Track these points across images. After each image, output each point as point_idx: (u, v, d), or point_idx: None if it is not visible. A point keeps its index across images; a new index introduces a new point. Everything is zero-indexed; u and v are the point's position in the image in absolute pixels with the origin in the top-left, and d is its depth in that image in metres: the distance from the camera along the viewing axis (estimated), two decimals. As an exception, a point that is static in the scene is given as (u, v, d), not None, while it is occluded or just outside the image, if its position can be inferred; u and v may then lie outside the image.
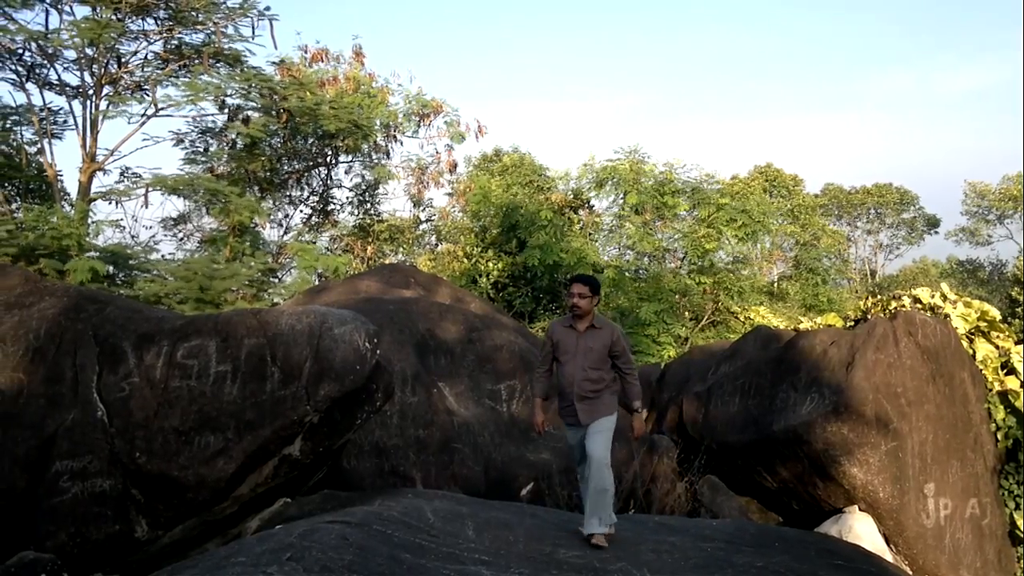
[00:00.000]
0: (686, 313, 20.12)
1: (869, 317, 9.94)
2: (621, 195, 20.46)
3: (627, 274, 20.36)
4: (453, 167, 21.48)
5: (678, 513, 8.28)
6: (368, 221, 20.92)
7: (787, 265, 27.50)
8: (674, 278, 19.95)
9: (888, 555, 7.41)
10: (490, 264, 20.45)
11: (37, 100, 15.23)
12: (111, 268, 13.25)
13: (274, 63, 17.83)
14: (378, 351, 6.18)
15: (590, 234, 21.41)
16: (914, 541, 7.61)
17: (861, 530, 7.45)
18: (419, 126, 20.08)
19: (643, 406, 5.71)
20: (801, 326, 12.09)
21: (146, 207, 23.15)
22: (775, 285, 25.48)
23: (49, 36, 14.24)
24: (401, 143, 20.28)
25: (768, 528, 7.08)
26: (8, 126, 15.13)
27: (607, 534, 5.41)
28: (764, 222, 20.64)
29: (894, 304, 10.24)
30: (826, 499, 7.98)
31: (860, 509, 7.70)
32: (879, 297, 10.85)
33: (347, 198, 21.30)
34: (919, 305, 10.00)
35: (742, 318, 20.06)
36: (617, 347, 5.68)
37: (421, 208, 22.33)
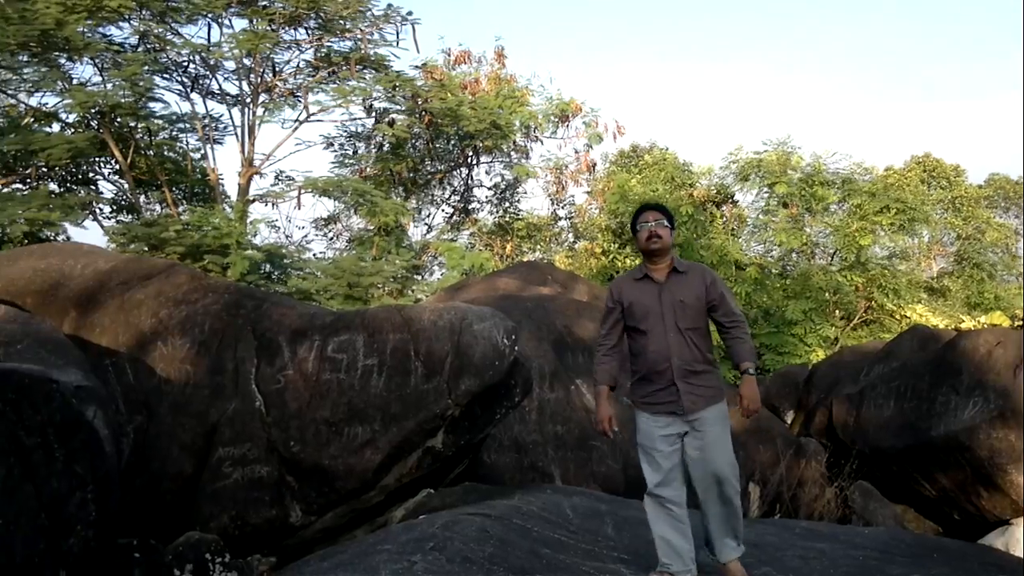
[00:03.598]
0: (836, 312, 19.23)
1: (1041, 316, 9.21)
2: (766, 188, 19.78)
3: (772, 271, 19.68)
4: (591, 167, 21.46)
5: (827, 519, 7.95)
6: (507, 219, 21.19)
7: (948, 260, 25.84)
8: (823, 275, 19.11)
9: (1064, 574, 6.84)
10: (628, 261, 20.26)
11: (200, 109, 16.32)
12: (267, 266, 14.03)
13: (417, 67, 18.34)
14: (516, 347, 6.25)
15: (733, 230, 20.83)
16: (1094, 560, 6.99)
17: (1031, 545, 6.94)
18: (558, 127, 20.16)
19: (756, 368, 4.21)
20: (963, 325, 11.36)
21: (299, 208, 24.37)
22: (934, 281, 23.98)
23: (211, 49, 15.21)
24: (541, 142, 20.44)
25: (926, 538, 6.68)
26: (175, 133, 16.28)
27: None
28: (921, 210, 19.45)
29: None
30: (990, 509, 7.47)
31: (1030, 522, 7.17)
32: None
33: (487, 197, 21.66)
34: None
35: (898, 317, 18.99)
36: (714, 294, 4.17)
37: (559, 205, 22.41)
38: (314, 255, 17.43)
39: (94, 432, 4.00)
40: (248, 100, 16.07)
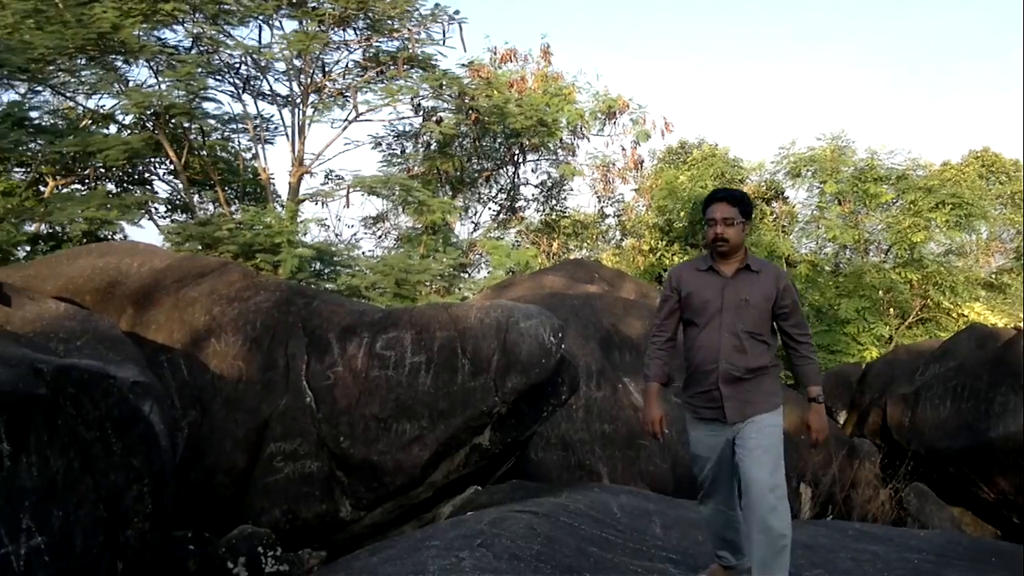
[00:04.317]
0: (891, 310, 18.83)
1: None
2: (819, 184, 19.45)
3: (825, 268, 19.34)
4: (638, 164, 21.32)
5: (881, 521, 7.80)
6: (553, 217, 21.17)
7: (1007, 257, 25.12)
8: (877, 272, 18.72)
9: None
10: (676, 259, 20.09)
11: (252, 109, 16.57)
12: (317, 264, 14.22)
13: (464, 65, 18.41)
14: (563, 345, 6.24)
15: (783, 227, 20.52)
16: None
17: (1097, 551, 6.70)
18: (605, 124, 20.08)
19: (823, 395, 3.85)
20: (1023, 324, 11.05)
21: (347, 207, 24.63)
22: (993, 278, 23.33)
23: (262, 50, 15.45)
24: (588, 140, 20.38)
25: (984, 542, 6.51)
26: (227, 134, 16.59)
27: None
28: (978, 206, 18.93)
29: None
30: (1053, 514, 7.26)
31: (1096, 528, 6.94)
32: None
33: (533, 195, 21.66)
34: None
35: (955, 315, 18.52)
36: (785, 300, 3.78)
37: (607, 203, 22.31)
38: (363, 253, 17.64)
39: (150, 427, 4.09)
40: (298, 100, 16.29)
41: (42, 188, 14.62)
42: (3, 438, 3.27)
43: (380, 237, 20.48)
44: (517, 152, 20.19)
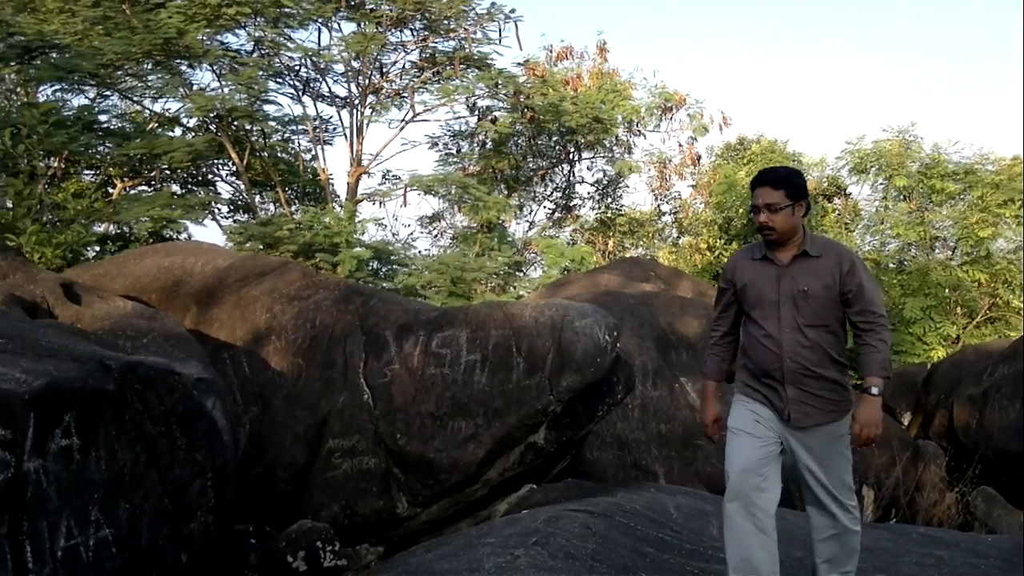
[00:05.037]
0: (958, 309, 18.27)
1: None
2: (883, 180, 18.97)
3: (889, 267, 18.86)
4: (696, 160, 21.07)
5: (947, 526, 7.59)
6: (609, 215, 21.06)
7: (1083, 255, 24.16)
8: (943, 270, 18.19)
9: None
10: (735, 257, 19.80)
11: (311, 111, 16.83)
12: (375, 263, 14.39)
13: (519, 64, 18.43)
14: (618, 344, 6.20)
15: (846, 224, 20.07)
16: None
17: None
18: (661, 120, 19.90)
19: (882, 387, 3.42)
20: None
21: (404, 206, 24.82)
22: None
23: (321, 52, 15.69)
24: (644, 136, 20.21)
25: (1057, 550, 6.28)
26: (288, 135, 16.90)
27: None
28: (1051, 201, 18.24)
29: None
30: None
31: None
32: None
33: (588, 193, 21.57)
34: None
35: (1025, 314, 17.90)
36: (849, 285, 3.37)
37: (663, 200, 22.11)
38: (419, 252, 17.77)
39: (213, 422, 4.19)
40: (356, 101, 16.50)
41: (111, 190, 15.07)
42: (73, 432, 3.37)
43: (436, 236, 20.65)
44: (572, 150, 20.13)
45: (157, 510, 3.74)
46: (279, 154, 17.23)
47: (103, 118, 14.83)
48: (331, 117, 17.16)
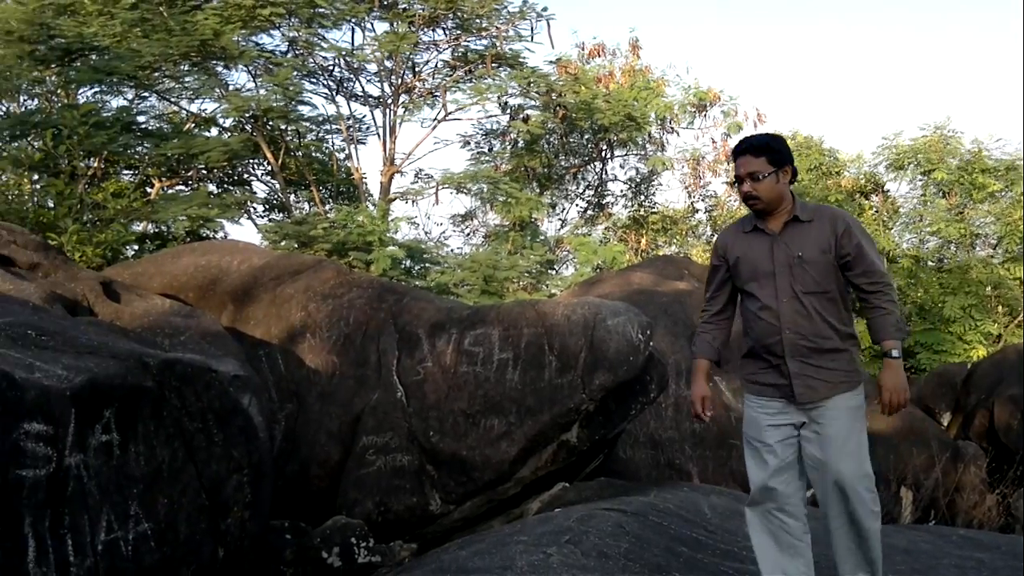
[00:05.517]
0: (999, 307, 17.93)
1: None
2: (922, 176, 18.67)
3: (928, 264, 18.56)
4: (730, 156, 20.87)
5: (987, 528, 7.45)
6: (642, 213, 20.95)
7: None
8: (984, 268, 17.85)
9: None
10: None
11: (345, 111, 16.95)
12: (408, 261, 14.47)
13: (551, 62, 18.40)
14: (651, 343, 6.18)
15: (884, 221, 19.78)
16: None
17: None
18: (695, 116, 19.75)
19: (902, 346, 3.25)
20: None
21: (436, 204, 24.94)
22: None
23: (354, 52, 15.80)
24: (678, 133, 20.07)
25: (1103, 554, 6.14)
26: (322, 135, 17.04)
27: None
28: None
29: None
30: None
31: None
32: None
33: (621, 191, 21.48)
34: None
35: (1070, 313, 17.51)
36: (846, 248, 3.23)
37: (697, 197, 21.95)
38: (451, 250, 17.83)
39: (249, 419, 4.24)
40: (389, 101, 16.59)
41: (149, 189, 15.30)
42: (113, 428, 3.43)
43: (468, 235, 20.70)
44: (605, 148, 20.05)
45: (194, 505, 3.79)
46: (313, 153, 17.38)
47: (141, 119, 15.07)
48: (364, 116, 17.38)
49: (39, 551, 3.02)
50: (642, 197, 21.36)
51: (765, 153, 3.27)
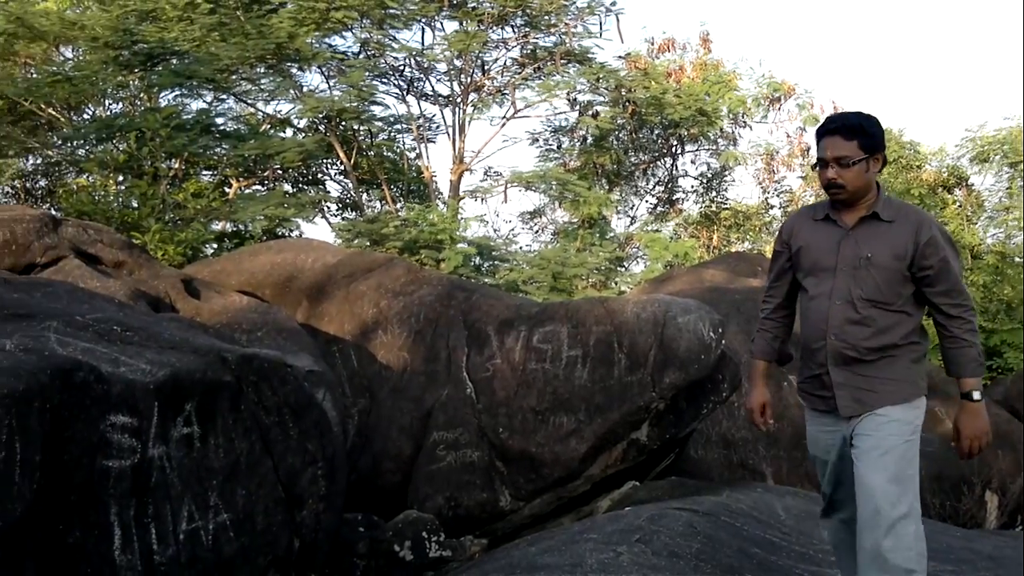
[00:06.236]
0: (1092, 304, 17.10)
1: None
2: (1009, 168, 17.93)
3: (1016, 260, 17.81)
4: (805, 151, 20.40)
5: (1080, 537, 7.12)
6: (713, 209, 20.65)
7: None
8: (1076, 263, 17.06)
9: None
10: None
11: (415, 110, 17.14)
12: (477, 259, 14.57)
13: (620, 57, 18.27)
14: (723, 341, 6.08)
15: (968, 216, 19.06)
16: None
17: None
18: (769, 110, 19.37)
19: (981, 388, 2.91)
20: None
21: (505, 202, 25.03)
22: None
23: (424, 52, 15.96)
24: (750, 128, 19.71)
25: None
26: (393, 134, 17.26)
27: None
28: None
29: None
30: None
31: None
32: None
33: (692, 187, 21.21)
34: None
35: None
36: (929, 260, 2.82)
37: (771, 192, 21.52)
38: (520, 248, 17.85)
39: (324, 413, 4.32)
40: (458, 99, 16.70)
41: (227, 189, 15.73)
42: (193, 421, 3.54)
43: (537, 232, 20.70)
44: (675, 143, 19.81)
45: (271, 497, 3.88)
46: (385, 153, 17.62)
47: (220, 121, 15.51)
48: (434, 115, 17.43)
49: (124, 539, 3.14)
50: (713, 193, 21.04)
51: (858, 136, 2.87)
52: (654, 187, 20.98)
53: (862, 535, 2.82)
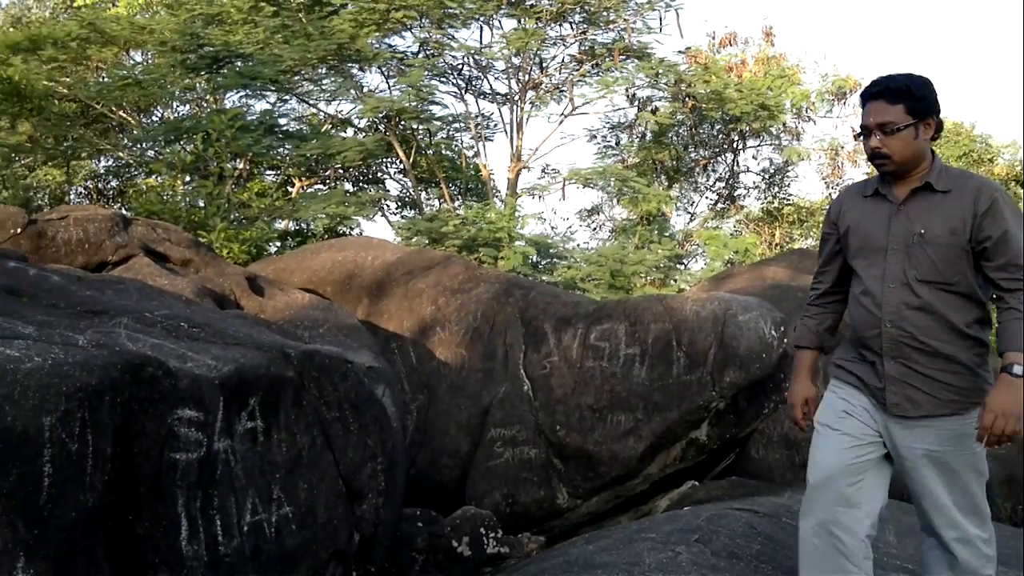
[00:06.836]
0: None
1: None
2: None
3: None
4: (872, 145, 19.94)
5: None
6: (776, 205, 20.30)
7: None
8: None
9: None
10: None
11: (473, 108, 17.23)
12: (535, 256, 14.58)
13: (680, 52, 18.08)
14: (785, 340, 5.97)
15: (1043, 210, 18.36)
16: None
17: None
18: (833, 105, 18.96)
19: None
20: None
21: (563, 199, 24.93)
22: None
23: (483, 50, 16.02)
24: (814, 122, 19.32)
25: None
26: (451, 133, 17.38)
27: None
28: None
29: None
30: None
31: None
32: None
33: (754, 183, 20.89)
34: None
35: None
36: (987, 231, 2.51)
37: (835, 188, 21.05)
38: (578, 245, 17.80)
39: (383, 409, 4.37)
40: (516, 97, 16.72)
41: (290, 189, 16.04)
42: (257, 416, 3.61)
43: (595, 229, 20.64)
44: (736, 138, 19.53)
45: (332, 491, 3.94)
46: (443, 151, 17.75)
47: (283, 121, 15.83)
48: (492, 114, 17.56)
49: (191, 530, 3.22)
50: (776, 189, 20.69)
51: (904, 99, 2.56)
52: (714, 183, 20.72)
53: (937, 563, 2.72)
